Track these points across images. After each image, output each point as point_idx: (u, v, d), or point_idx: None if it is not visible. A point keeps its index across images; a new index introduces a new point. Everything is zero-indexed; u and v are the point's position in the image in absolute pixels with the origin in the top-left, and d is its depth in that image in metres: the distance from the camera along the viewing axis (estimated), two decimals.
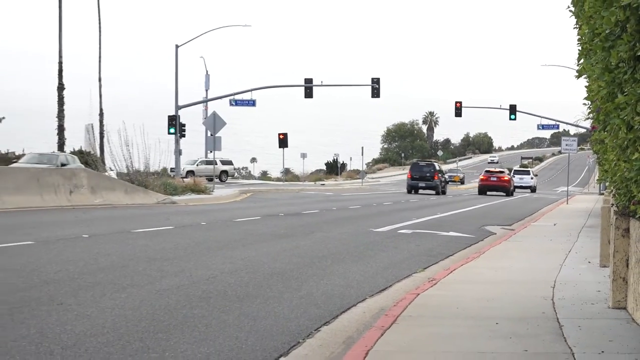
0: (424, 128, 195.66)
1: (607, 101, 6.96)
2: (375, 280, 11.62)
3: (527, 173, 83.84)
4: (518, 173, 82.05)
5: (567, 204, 42.82)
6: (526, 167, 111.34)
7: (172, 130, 54.59)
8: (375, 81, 59.20)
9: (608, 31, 6.55)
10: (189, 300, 9.03)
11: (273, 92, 67.59)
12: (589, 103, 8.99)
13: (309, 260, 13.34)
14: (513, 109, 67.33)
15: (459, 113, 66.43)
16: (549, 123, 73.08)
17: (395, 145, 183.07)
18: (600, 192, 58.16)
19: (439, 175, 59.31)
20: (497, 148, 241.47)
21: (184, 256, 13.01)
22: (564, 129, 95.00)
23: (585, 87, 8.93)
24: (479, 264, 13.59)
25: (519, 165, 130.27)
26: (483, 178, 63.66)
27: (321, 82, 60.42)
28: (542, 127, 74.53)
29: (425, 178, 58.35)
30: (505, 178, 62.95)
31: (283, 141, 69.11)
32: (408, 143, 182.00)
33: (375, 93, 59.33)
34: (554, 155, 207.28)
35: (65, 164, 37.02)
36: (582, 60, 8.13)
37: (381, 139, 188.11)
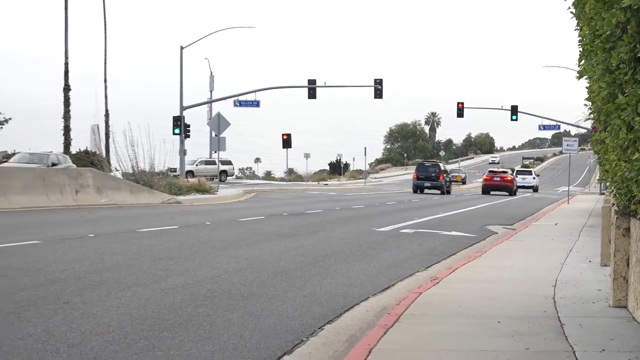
0: (426, 128, 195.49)
1: (608, 102, 7.01)
2: (378, 279, 11.66)
3: (530, 173, 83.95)
4: (520, 173, 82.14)
5: (568, 203, 42.82)
6: (528, 167, 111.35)
7: (177, 130, 54.72)
8: (378, 82, 59.23)
9: (609, 32, 6.59)
10: (193, 299, 9.07)
11: (277, 93, 67.53)
12: (590, 104, 9.05)
13: (312, 260, 13.39)
14: (514, 110, 67.39)
15: (460, 114, 66.50)
16: (550, 123, 73.13)
17: (397, 146, 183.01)
18: (601, 192, 58.22)
19: (444, 175, 59.53)
20: (499, 148, 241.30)
21: (188, 255, 13.06)
22: (565, 130, 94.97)
23: (586, 88, 9.00)
24: (481, 263, 13.63)
25: (520, 166, 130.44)
26: (487, 178, 63.68)
27: (324, 83, 60.42)
28: (543, 128, 74.62)
29: (431, 178, 58.57)
30: (509, 178, 62.96)
31: (287, 141, 69.20)
32: (410, 143, 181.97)
33: (378, 94, 59.38)
34: (555, 155, 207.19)
35: (56, 164, 36.53)
36: (583, 62, 8.17)
37: (384, 139, 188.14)
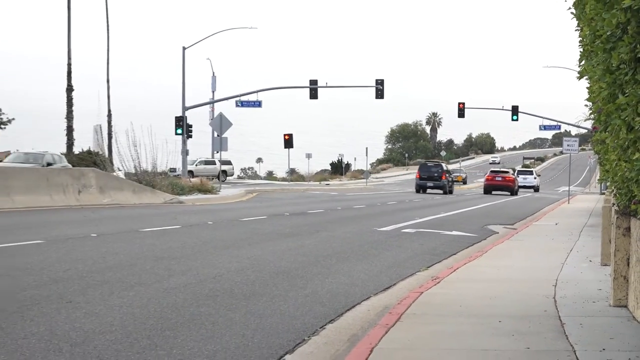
0: (428, 129, 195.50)
1: (608, 102, 7.03)
2: (380, 279, 11.68)
3: (531, 173, 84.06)
4: (522, 173, 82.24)
5: (569, 203, 42.82)
6: (528, 167, 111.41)
7: (179, 131, 54.72)
8: (379, 82, 59.22)
9: (609, 33, 6.61)
10: (196, 299, 9.10)
11: (278, 94, 67.50)
12: (590, 104, 9.08)
13: (314, 259, 13.41)
14: (515, 110, 67.33)
15: (461, 114, 66.46)
16: (550, 124, 73.06)
17: (399, 146, 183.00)
18: (601, 192, 58.19)
19: (447, 175, 59.77)
20: (500, 148, 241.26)
21: (191, 255, 13.09)
22: (566, 130, 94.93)
23: (586, 89, 9.03)
24: (482, 262, 13.65)
25: (521, 166, 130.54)
26: (489, 178, 63.76)
27: (326, 84, 60.40)
28: (544, 128, 74.54)
29: (434, 178, 58.83)
30: (510, 178, 63.05)
31: (288, 142, 69.23)
32: (412, 143, 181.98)
33: (379, 94, 59.36)
34: (555, 155, 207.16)
35: (52, 163, 36.28)
36: (584, 62, 8.19)
37: (385, 139, 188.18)
